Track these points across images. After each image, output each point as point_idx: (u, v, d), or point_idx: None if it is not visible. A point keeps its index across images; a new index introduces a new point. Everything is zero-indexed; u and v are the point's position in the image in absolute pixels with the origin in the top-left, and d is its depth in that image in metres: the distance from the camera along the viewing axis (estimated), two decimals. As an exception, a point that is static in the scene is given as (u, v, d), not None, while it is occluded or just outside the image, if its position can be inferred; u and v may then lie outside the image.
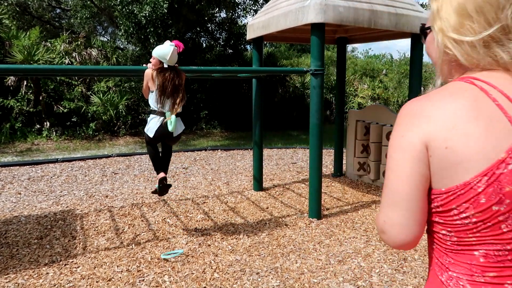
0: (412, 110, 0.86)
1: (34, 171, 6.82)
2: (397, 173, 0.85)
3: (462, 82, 0.85)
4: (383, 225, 0.88)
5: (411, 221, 0.84)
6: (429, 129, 0.82)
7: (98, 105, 10.53)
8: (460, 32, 0.85)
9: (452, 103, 0.82)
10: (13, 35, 10.12)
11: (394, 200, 0.85)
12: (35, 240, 3.91)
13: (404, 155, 0.84)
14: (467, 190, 0.79)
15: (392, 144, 0.88)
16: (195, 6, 11.42)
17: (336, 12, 4.02)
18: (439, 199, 0.83)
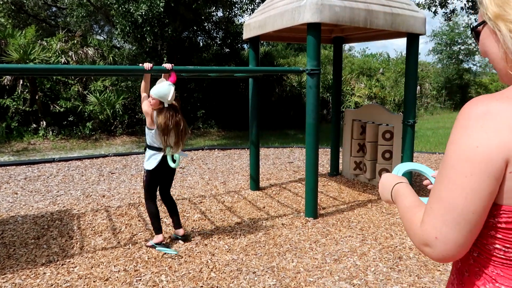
0: (487, 112, 0.74)
1: (30, 171, 6.81)
2: (461, 188, 0.75)
3: None
4: (433, 241, 0.78)
5: (468, 240, 0.77)
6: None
7: (94, 105, 10.52)
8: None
9: None
10: (9, 34, 10.09)
11: (453, 217, 0.76)
12: (32, 240, 3.92)
13: (475, 169, 0.73)
14: None
15: (459, 151, 0.76)
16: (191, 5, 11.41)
17: (332, 12, 4.04)
18: (505, 216, 0.76)
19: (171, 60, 11.77)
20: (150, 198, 3.70)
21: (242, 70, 5.79)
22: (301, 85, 14.26)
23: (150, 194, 3.69)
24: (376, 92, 15.66)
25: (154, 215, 3.70)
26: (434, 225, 0.78)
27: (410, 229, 0.85)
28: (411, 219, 0.86)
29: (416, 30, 4.62)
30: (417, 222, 0.83)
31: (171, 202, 3.87)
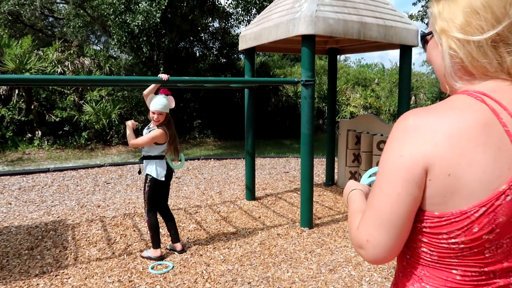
0: (414, 124, 0.79)
1: (25, 181, 6.78)
2: (388, 194, 0.80)
3: (470, 97, 0.79)
4: (365, 244, 0.83)
5: (396, 243, 0.82)
6: (434, 151, 0.76)
7: (90, 114, 10.51)
8: (466, 32, 0.79)
9: (460, 122, 0.76)
10: (5, 44, 10.11)
11: (381, 221, 0.81)
12: (26, 251, 3.89)
13: (399, 177, 0.78)
14: (462, 219, 0.76)
15: (387, 160, 0.81)
16: (188, 16, 11.52)
17: (326, 24, 4.10)
18: (429, 221, 0.80)
19: (167, 70, 11.81)
20: (153, 210, 3.66)
21: (238, 81, 5.83)
22: (297, 95, 14.34)
23: (153, 205, 3.66)
24: (371, 102, 15.78)
25: (155, 228, 3.66)
26: (366, 229, 0.83)
27: (350, 233, 0.91)
28: (352, 222, 0.92)
29: (408, 42, 4.69)
30: (355, 226, 0.88)
31: (169, 215, 3.85)
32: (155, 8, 9.63)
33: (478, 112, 0.76)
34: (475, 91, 0.80)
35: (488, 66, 0.79)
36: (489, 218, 0.76)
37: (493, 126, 0.76)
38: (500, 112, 0.77)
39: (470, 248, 0.79)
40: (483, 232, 0.76)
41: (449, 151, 0.75)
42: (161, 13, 9.76)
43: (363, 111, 15.11)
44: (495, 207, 0.75)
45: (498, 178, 0.75)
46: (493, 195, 0.75)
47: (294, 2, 4.49)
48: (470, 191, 0.75)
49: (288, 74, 15.80)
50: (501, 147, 0.75)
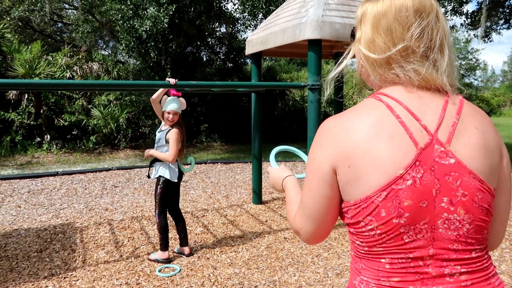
0: (325, 130, 0.91)
1: (34, 184, 6.86)
2: (309, 191, 0.93)
3: (372, 99, 0.90)
4: (299, 230, 0.98)
5: (321, 230, 0.95)
6: (335, 149, 0.87)
7: (98, 118, 10.62)
8: (370, 48, 0.90)
9: (357, 122, 0.86)
10: (15, 49, 10.27)
11: (307, 213, 0.94)
12: (35, 253, 3.93)
13: (314, 177, 0.91)
14: (369, 204, 0.84)
15: (308, 162, 0.94)
16: (195, 21, 11.61)
17: (332, 28, 4.11)
18: (349, 211, 0.88)
19: (175, 74, 11.90)
20: (164, 212, 3.69)
21: (245, 85, 5.86)
22: (303, 99, 14.35)
23: (164, 207, 3.68)
24: (378, 106, 15.75)
25: (165, 230, 3.68)
26: (298, 219, 0.98)
27: (289, 219, 1.05)
28: (290, 211, 1.06)
29: (416, 46, 4.69)
30: (293, 214, 1.03)
31: (180, 217, 3.86)
32: (163, 13, 9.73)
33: (374, 110, 0.87)
34: (378, 93, 0.91)
35: (387, 77, 0.90)
36: (392, 202, 0.82)
37: (386, 119, 0.85)
38: (395, 106, 0.86)
39: (387, 234, 0.84)
40: (391, 216, 0.82)
41: (347, 146, 0.85)
42: (168, 19, 9.85)
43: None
44: (395, 191, 0.81)
45: (394, 163, 0.82)
46: (391, 179, 0.81)
47: (301, 7, 4.51)
48: (369, 178, 0.83)
49: (295, 78, 15.83)
50: (394, 136, 0.83)
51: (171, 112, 3.59)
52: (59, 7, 15.41)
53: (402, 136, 0.83)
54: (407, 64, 0.87)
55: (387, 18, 0.87)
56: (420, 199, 0.82)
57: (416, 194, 0.81)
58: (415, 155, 0.82)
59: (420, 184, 0.81)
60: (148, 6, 10.10)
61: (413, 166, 0.81)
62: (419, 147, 0.82)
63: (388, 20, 0.87)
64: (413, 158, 0.82)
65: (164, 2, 9.95)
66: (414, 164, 0.81)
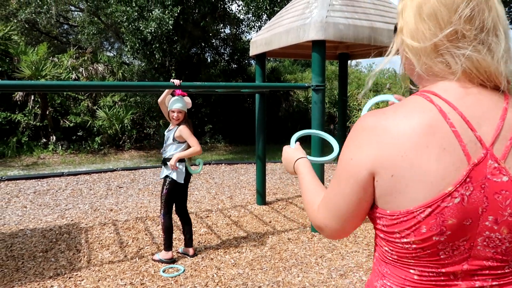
0: (366, 127, 0.82)
1: (40, 185, 6.91)
2: (339, 191, 0.87)
3: (421, 98, 0.81)
4: (323, 227, 0.92)
5: (347, 228, 0.90)
6: (378, 154, 0.79)
7: (103, 120, 10.67)
8: (413, 37, 0.82)
9: (405, 124, 0.78)
10: (22, 51, 10.35)
11: (335, 212, 0.88)
12: (40, 253, 3.96)
13: (349, 179, 0.84)
14: (410, 218, 0.77)
15: (341, 161, 0.87)
16: (200, 22, 11.65)
17: (336, 29, 4.12)
18: (384, 220, 0.82)
19: (179, 76, 11.94)
20: (169, 213, 3.70)
21: (249, 86, 5.88)
22: (307, 100, 14.34)
23: (169, 208, 3.70)
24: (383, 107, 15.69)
25: (169, 230, 3.69)
26: (324, 215, 0.91)
27: (308, 210, 0.99)
28: (310, 202, 0.99)
29: (420, 46, 4.68)
30: (314, 207, 0.96)
31: (187, 219, 3.87)
32: (167, 15, 9.77)
33: (424, 113, 0.77)
34: (427, 91, 0.81)
35: (435, 69, 0.81)
36: (436, 219, 0.76)
37: (439, 127, 0.76)
38: (448, 112, 0.77)
39: (423, 249, 0.79)
40: (432, 233, 0.77)
41: (392, 153, 0.77)
42: (173, 20, 9.89)
43: (374, 116, 15.01)
44: (441, 209, 0.75)
45: (443, 179, 0.75)
46: (438, 196, 0.75)
47: (305, 8, 4.52)
48: (414, 192, 0.76)
49: (299, 79, 15.82)
50: (446, 147, 0.75)
51: (175, 110, 3.63)
52: (65, 9, 15.52)
53: (455, 148, 0.75)
54: (457, 49, 0.78)
55: (430, 2, 0.80)
56: (465, 218, 0.76)
57: (462, 213, 0.76)
58: (466, 171, 0.75)
59: (468, 202, 0.75)
60: (153, 8, 10.15)
61: (463, 183, 0.75)
62: (471, 162, 0.75)
63: (431, 3, 0.80)
64: (464, 175, 0.75)
65: (169, 4, 10.00)
66: (465, 181, 0.75)
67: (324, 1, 4.33)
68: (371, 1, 4.64)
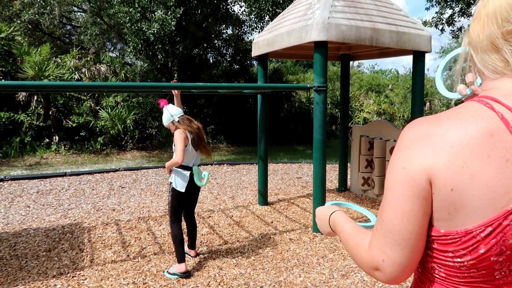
0: (418, 135, 0.76)
1: (42, 185, 6.94)
2: (396, 209, 0.76)
3: (479, 104, 0.74)
4: (381, 264, 0.79)
5: (412, 260, 0.78)
6: (433, 162, 0.72)
7: (106, 120, 10.71)
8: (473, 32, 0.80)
9: (464, 132, 0.71)
10: (25, 51, 10.40)
11: (396, 239, 0.76)
12: (44, 253, 3.99)
13: (405, 191, 0.75)
14: (468, 239, 0.71)
15: (392, 173, 0.78)
16: (202, 23, 11.68)
17: (338, 30, 4.13)
18: (436, 237, 0.76)
19: (181, 76, 11.98)
20: (177, 221, 3.48)
21: (251, 87, 5.89)
22: (309, 101, 14.35)
23: (176, 216, 3.48)
24: (385, 108, 15.67)
25: (179, 240, 3.45)
26: (380, 247, 0.79)
27: (358, 256, 0.85)
28: (358, 245, 0.86)
29: (421, 48, 4.69)
30: (365, 247, 0.84)
31: (193, 223, 3.77)
32: (170, 16, 9.81)
33: (484, 120, 0.71)
34: (486, 97, 0.76)
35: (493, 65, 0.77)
36: (497, 239, 0.70)
37: (501, 136, 0.70)
38: (511, 120, 0.71)
39: (478, 270, 0.73)
40: (490, 253, 0.71)
41: (451, 164, 0.70)
42: (176, 21, 9.92)
43: (376, 117, 15.02)
44: (503, 227, 0.69)
45: (506, 194, 0.68)
46: (500, 213, 0.68)
47: (307, 9, 4.54)
48: (474, 208, 0.70)
49: (301, 80, 15.83)
50: (510, 159, 0.68)
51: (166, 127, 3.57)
52: (68, 10, 15.58)
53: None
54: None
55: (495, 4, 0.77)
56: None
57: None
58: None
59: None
60: (155, 9, 10.19)
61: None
62: None
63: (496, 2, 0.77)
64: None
65: (172, 5, 10.03)
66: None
67: (326, 2, 4.34)
68: (373, 3, 4.66)
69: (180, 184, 3.40)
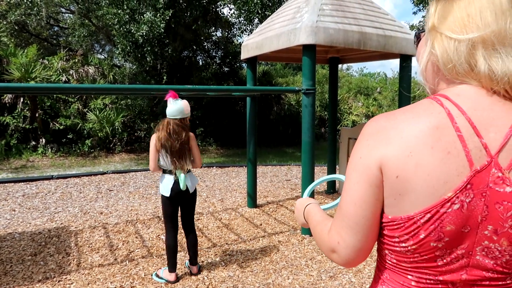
0: (375, 128, 0.82)
1: (28, 188, 6.84)
2: (352, 196, 0.83)
3: (431, 101, 0.80)
4: (337, 246, 0.85)
5: (365, 244, 0.84)
6: (385, 152, 0.78)
7: (94, 122, 10.61)
8: (452, 30, 0.79)
9: (413, 126, 0.77)
10: (11, 53, 10.26)
11: (349, 223, 0.83)
12: (29, 257, 3.93)
13: (360, 178, 0.81)
14: (410, 224, 0.77)
15: (351, 163, 0.85)
16: (191, 25, 11.66)
17: (326, 34, 4.17)
18: (385, 224, 0.82)
19: (170, 79, 11.93)
20: (168, 228, 3.38)
21: (240, 90, 5.90)
22: (299, 103, 14.41)
23: (167, 224, 3.37)
24: (374, 111, 15.83)
25: (170, 249, 3.35)
26: (337, 231, 0.86)
27: (320, 239, 0.92)
28: (322, 230, 0.93)
29: (408, 51, 4.75)
30: (326, 231, 0.91)
31: (191, 235, 3.51)
32: (159, 18, 9.77)
33: (433, 115, 0.76)
34: (439, 94, 0.80)
35: (459, 68, 0.78)
36: (435, 225, 0.75)
37: (445, 130, 0.75)
38: (456, 116, 0.75)
39: (420, 254, 0.78)
40: (429, 238, 0.76)
41: (399, 153, 0.76)
42: (165, 23, 9.89)
43: (365, 120, 15.15)
44: (440, 214, 0.74)
45: (445, 184, 0.74)
46: (438, 201, 0.74)
47: (295, 13, 4.57)
48: (416, 195, 0.75)
49: (291, 82, 15.89)
50: (451, 151, 0.74)
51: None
52: (55, 11, 15.42)
53: (459, 153, 0.74)
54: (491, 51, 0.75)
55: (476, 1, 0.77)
56: (463, 225, 0.75)
57: (460, 220, 0.75)
58: (467, 177, 0.73)
59: (467, 209, 0.74)
60: (144, 11, 10.14)
61: (464, 190, 0.73)
62: (473, 168, 0.73)
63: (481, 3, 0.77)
64: (464, 181, 0.73)
65: (161, 7, 10.00)
66: (465, 188, 0.73)
67: (314, 6, 4.38)
68: (361, 7, 4.71)
69: (162, 188, 3.28)
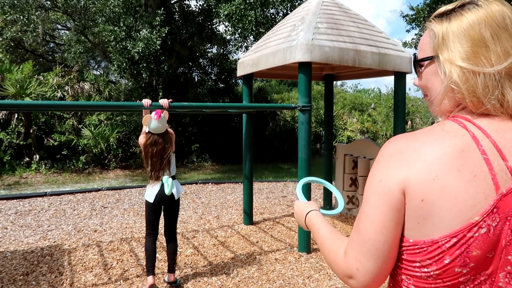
0: (395, 150, 0.79)
1: (21, 205, 6.75)
2: (372, 221, 0.80)
3: (453, 123, 0.78)
4: (356, 273, 0.82)
5: (384, 270, 0.81)
6: (408, 174, 0.75)
7: (89, 138, 10.56)
8: (475, 63, 0.75)
9: (437, 148, 0.75)
10: (6, 69, 10.25)
11: (370, 249, 0.80)
12: (21, 276, 3.85)
13: (380, 202, 0.78)
14: (434, 249, 0.74)
15: (369, 186, 0.82)
16: (187, 42, 11.77)
17: (322, 51, 4.21)
18: (405, 248, 0.79)
19: (166, 95, 11.95)
20: (148, 233, 3.50)
21: (235, 107, 5.92)
22: (294, 119, 14.47)
23: (148, 228, 3.50)
24: (368, 127, 15.92)
25: (148, 252, 3.45)
26: (355, 256, 0.82)
27: (334, 262, 0.88)
28: (335, 252, 0.89)
29: (402, 69, 4.81)
30: (341, 254, 0.86)
31: (171, 242, 3.60)
32: (155, 35, 9.85)
33: (457, 138, 0.75)
34: (460, 116, 0.80)
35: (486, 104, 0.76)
36: (461, 250, 0.73)
37: (471, 153, 0.74)
38: (481, 139, 0.75)
39: (443, 280, 0.75)
40: (455, 264, 0.74)
41: (423, 176, 0.74)
42: (161, 40, 9.96)
43: (360, 136, 15.22)
44: (467, 239, 0.72)
45: (472, 207, 0.72)
46: (465, 225, 0.72)
47: (291, 31, 4.62)
48: (442, 219, 0.73)
49: (286, 99, 15.99)
50: (477, 174, 0.73)
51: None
52: (51, 28, 15.51)
53: (485, 176, 0.73)
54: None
55: (490, 26, 0.75)
56: (489, 250, 0.73)
57: (487, 244, 0.73)
58: (494, 201, 0.72)
59: (493, 233, 0.73)
60: (141, 28, 10.23)
61: (491, 214, 0.72)
62: (499, 192, 0.72)
63: (492, 29, 0.75)
64: (491, 204, 0.72)
65: (157, 24, 10.09)
66: (492, 211, 0.72)
67: (310, 24, 4.44)
68: (355, 25, 4.78)
69: (147, 194, 3.44)
